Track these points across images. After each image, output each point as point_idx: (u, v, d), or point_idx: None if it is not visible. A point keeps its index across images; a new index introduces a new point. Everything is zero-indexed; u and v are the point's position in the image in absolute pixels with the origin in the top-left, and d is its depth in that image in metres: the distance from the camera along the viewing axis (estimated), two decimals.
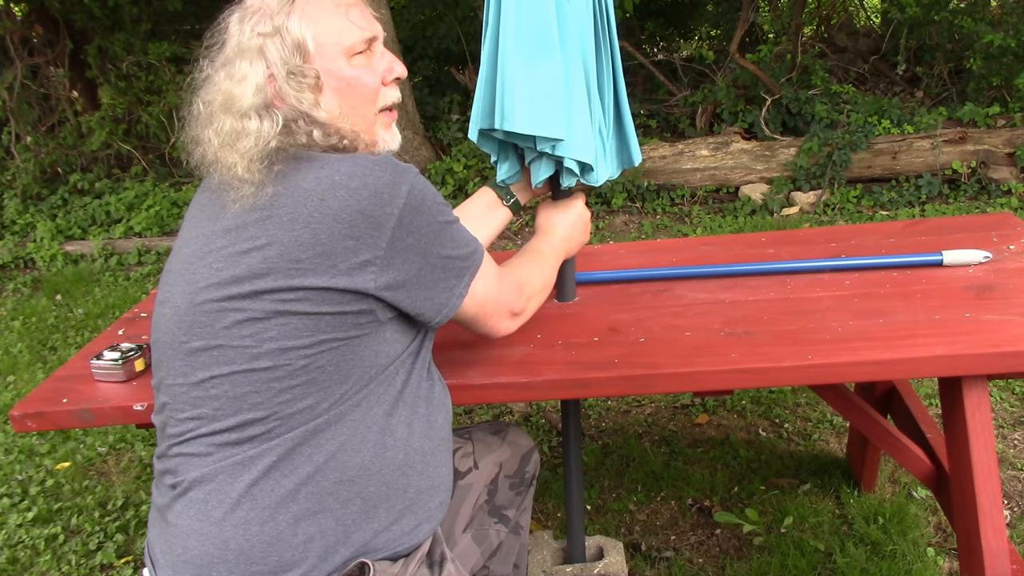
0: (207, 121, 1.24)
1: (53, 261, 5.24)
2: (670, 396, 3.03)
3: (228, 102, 1.22)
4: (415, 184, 1.20)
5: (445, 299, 1.27)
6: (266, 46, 1.23)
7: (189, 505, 1.17)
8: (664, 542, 2.32)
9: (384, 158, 1.21)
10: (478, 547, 1.57)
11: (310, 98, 1.24)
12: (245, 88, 1.22)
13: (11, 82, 6.06)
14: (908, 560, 2.13)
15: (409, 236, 1.18)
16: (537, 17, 1.52)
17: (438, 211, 1.23)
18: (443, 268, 1.25)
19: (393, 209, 1.16)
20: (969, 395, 1.54)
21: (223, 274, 1.17)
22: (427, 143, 5.74)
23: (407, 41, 7.08)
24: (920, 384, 2.86)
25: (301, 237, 1.14)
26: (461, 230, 1.29)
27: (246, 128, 1.21)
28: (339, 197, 1.14)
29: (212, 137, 1.23)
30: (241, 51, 1.23)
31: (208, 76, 1.26)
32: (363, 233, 1.14)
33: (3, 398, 3.53)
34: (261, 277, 1.14)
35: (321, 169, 1.18)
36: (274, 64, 1.23)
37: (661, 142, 5.27)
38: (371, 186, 1.15)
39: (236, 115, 1.21)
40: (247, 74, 1.22)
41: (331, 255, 1.13)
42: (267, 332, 1.15)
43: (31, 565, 2.50)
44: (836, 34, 6.94)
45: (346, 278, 1.14)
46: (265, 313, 1.15)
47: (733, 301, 1.73)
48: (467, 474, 1.57)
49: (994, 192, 4.71)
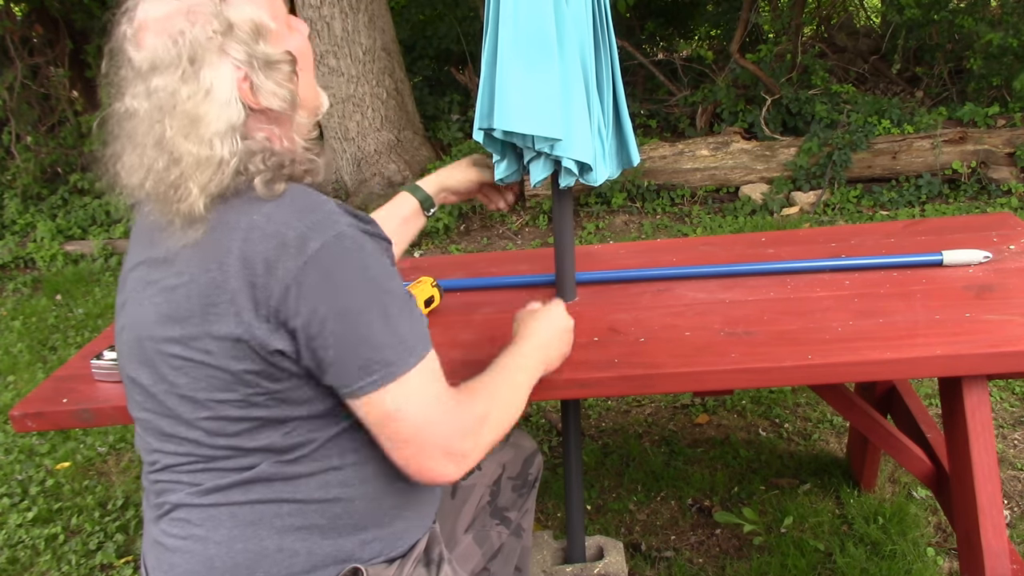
0: (148, 141, 1.07)
1: (53, 261, 5.24)
2: (670, 396, 3.03)
3: (191, 124, 1.05)
4: (336, 244, 1.04)
5: (346, 382, 1.07)
6: (226, 44, 1.07)
7: (173, 524, 1.15)
8: (664, 542, 2.32)
9: (314, 205, 1.07)
10: (479, 548, 1.57)
11: (290, 93, 1.12)
12: (210, 104, 1.06)
13: (11, 82, 6.06)
14: (908, 560, 2.13)
15: (305, 298, 1.03)
16: (535, 17, 1.52)
17: (365, 281, 1.06)
18: (352, 350, 1.05)
19: (292, 264, 1.02)
20: (969, 395, 1.54)
21: (161, 309, 1.10)
22: (427, 143, 5.74)
23: (407, 41, 7.07)
24: (920, 384, 2.86)
25: (216, 279, 1.05)
26: (402, 319, 1.08)
27: (211, 156, 1.06)
28: (253, 239, 1.04)
29: (159, 163, 1.06)
30: (194, 58, 1.05)
31: (135, 84, 1.08)
32: (264, 283, 1.03)
33: (3, 398, 3.53)
34: (185, 320, 1.07)
35: (248, 204, 1.07)
36: (243, 62, 1.08)
37: (661, 142, 5.27)
38: (281, 234, 1.03)
39: (198, 140, 1.06)
40: (211, 83, 1.05)
41: (235, 301, 1.04)
42: (199, 383, 1.09)
43: (31, 565, 2.50)
44: (836, 34, 6.94)
45: (251, 329, 1.04)
46: (192, 363, 1.08)
47: (733, 301, 1.73)
48: (469, 475, 1.57)
49: (994, 192, 4.71)
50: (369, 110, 5.32)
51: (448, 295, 1.91)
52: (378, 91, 5.33)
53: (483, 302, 1.87)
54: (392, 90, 5.42)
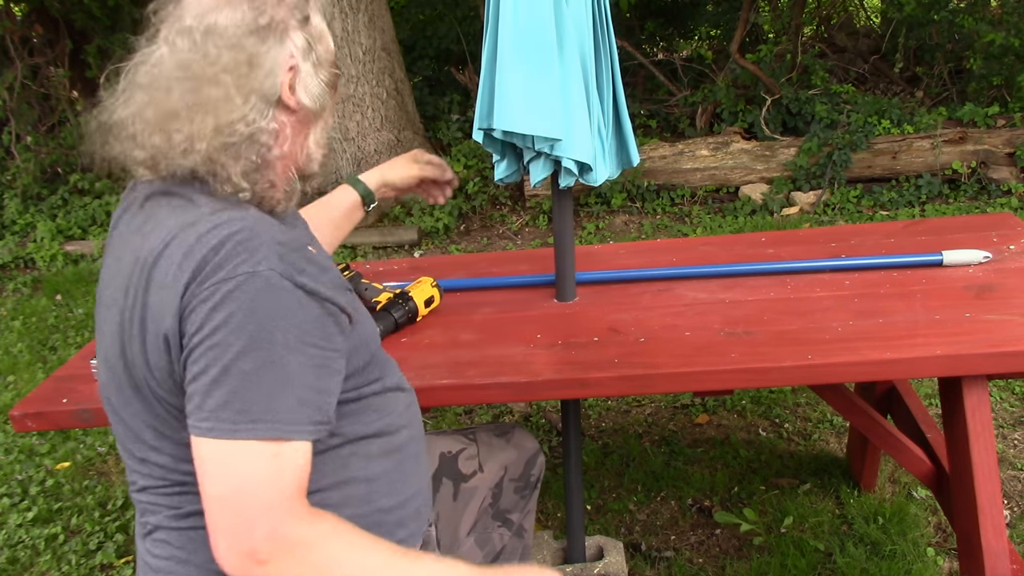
0: (180, 109, 1.05)
1: (53, 261, 5.24)
2: (670, 396, 3.03)
3: (237, 77, 1.04)
4: (246, 282, 0.97)
5: (188, 410, 0.99)
6: (291, 29, 1.09)
7: (155, 544, 1.14)
8: (664, 542, 2.32)
9: (247, 236, 1.00)
10: (481, 551, 1.57)
11: (327, 101, 1.12)
12: (255, 75, 1.05)
13: (11, 82, 6.06)
14: (908, 560, 2.13)
15: (193, 321, 0.98)
16: (535, 17, 1.52)
17: (253, 329, 0.97)
18: (203, 386, 0.97)
19: (196, 288, 0.98)
20: (969, 395, 1.54)
21: (115, 329, 1.08)
22: (427, 143, 5.74)
23: (407, 41, 7.07)
24: (920, 384, 2.86)
25: (134, 302, 1.03)
26: (273, 388, 0.97)
27: (233, 130, 1.05)
28: (172, 251, 1.00)
29: (192, 132, 1.04)
30: (257, 29, 1.06)
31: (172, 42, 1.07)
32: (170, 301, 0.99)
33: (3, 398, 3.53)
34: (124, 341, 1.06)
35: (185, 214, 1.03)
36: (300, 50, 1.09)
37: (661, 142, 5.27)
38: (205, 258, 0.98)
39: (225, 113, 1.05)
40: (263, 58, 1.06)
41: (154, 326, 1.01)
42: (142, 416, 1.08)
43: (31, 565, 2.50)
44: (836, 34, 6.93)
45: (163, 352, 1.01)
46: (137, 396, 1.07)
47: (733, 301, 1.73)
48: (472, 477, 1.56)
49: (994, 192, 4.71)
50: (369, 110, 5.32)
51: (448, 295, 1.91)
52: (378, 91, 5.33)
53: (483, 302, 1.87)
54: (392, 90, 5.42)
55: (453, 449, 1.56)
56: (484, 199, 5.24)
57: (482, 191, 5.27)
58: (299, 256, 1.03)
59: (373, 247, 4.93)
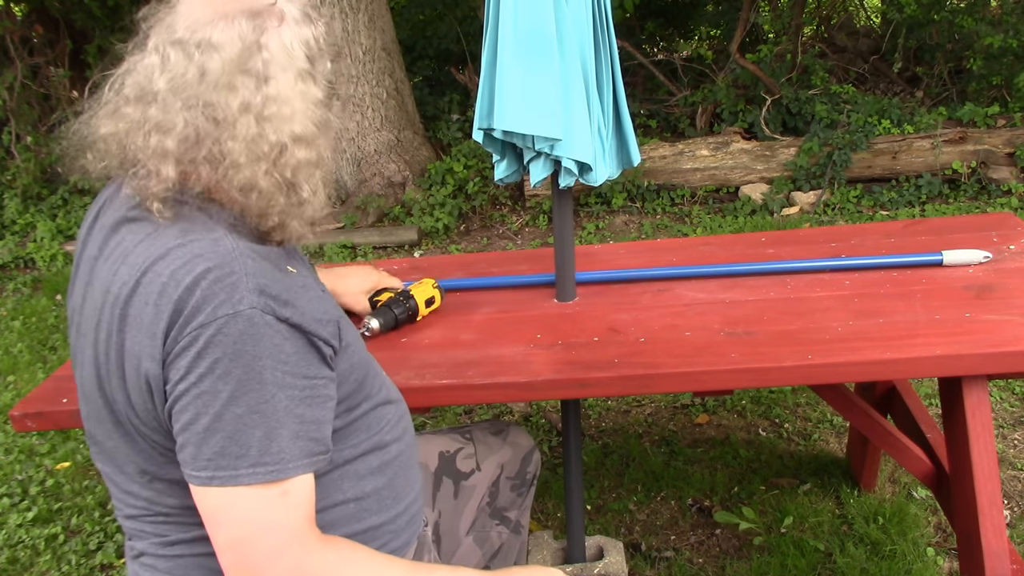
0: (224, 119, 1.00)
1: (53, 261, 5.23)
2: (670, 396, 3.03)
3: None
4: (227, 324, 0.95)
5: (183, 462, 0.98)
6: (294, 48, 1.03)
7: (143, 568, 1.14)
8: (664, 542, 2.32)
9: (225, 271, 0.96)
10: (479, 549, 1.57)
11: (328, 119, 1.08)
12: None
13: (11, 82, 6.05)
14: (908, 560, 2.13)
15: (177, 368, 0.96)
16: (535, 17, 1.52)
17: (241, 372, 0.94)
18: (197, 436, 0.96)
19: (176, 332, 0.96)
20: (969, 395, 1.54)
21: (91, 363, 1.06)
22: (427, 143, 5.74)
23: (407, 41, 7.07)
24: (920, 384, 2.86)
25: (110, 323, 1.01)
26: (270, 427, 0.96)
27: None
28: (146, 290, 0.98)
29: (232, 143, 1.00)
30: (260, 48, 1.01)
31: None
32: (150, 345, 0.97)
33: (3, 398, 3.53)
34: (101, 376, 1.04)
35: (152, 244, 1.00)
36: (300, 71, 1.04)
37: (661, 142, 5.27)
38: (180, 299, 0.96)
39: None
40: (264, 78, 1.01)
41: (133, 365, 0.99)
42: (123, 450, 1.06)
43: (31, 565, 2.50)
44: (836, 34, 6.93)
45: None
46: (118, 430, 1.05)
47: (733, 301, 1.73)
48: (470, 475, 1.56)
49: (994, 192, 4.71)
50: (369, 110, 5.32)
51: (448, 295, 1.91)
52: (378, 91, 5.33)
53: (483, 302, 1.87)
54: (392, 90, 5.42)
55: (451, 448, 1.56)
56: (484, 199, 5.24)
57: (482, 191, 5.27)
58: (279, 286, 0.99)
59: (373, 247, 4.93)
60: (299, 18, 1.04)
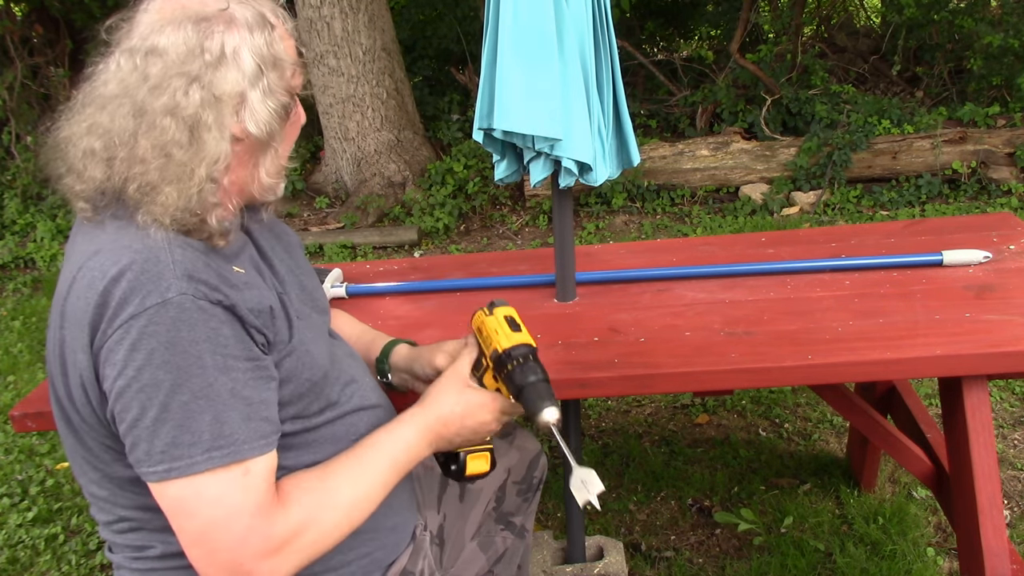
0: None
1: (53, 261, 5.23)
2: (670, 396, 3.03)
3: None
4: (156, 313, 0.94)
5: (136, 461, 0.97)
6: (240, 53, 1.03)
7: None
8: (664, 542, 2.32)
9: (151, 258, 0.96)
10: (483, 554, 1.56)
11: (276, 129, 1.07)
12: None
13: (11, 82, 6.06)
14: (908, 560, 2.13)
15: (112, 364, 0.95)
16: (535, 17, 1.52)
17: (179, 359, 0.94)
18: (145, 432, 0.95)
19: (106, 326, 0.95)
20: (969, 395, 1.54)
21: (49, 364, 1.08)
22: (427, 143, 5.74)
23: (407, 41, 7.07)
24: (920, 384, 2.86)
25: (57, 336, 1.02)
26: (216, 411, 0.95)
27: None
28: (79, 288, 0.98)
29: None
30: (201, 53, 1.01)
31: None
32: (83, 342, 0.97)
33: (3, 398, 3.53)
34: (52, 376, 1.05)
35: (92, 241, 1.02)
36: (247, 76, 1.03)
37: (661, 142, 5.27)
38: (106, 290, 0.95)
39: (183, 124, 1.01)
40: (204, 83, 1.01)
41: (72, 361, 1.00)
42: (76, 449, 1.06)
43: (31, 565, 2.50)
44: (836, 34, 6.93)
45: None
46: (69, 430, 1.06)
47: (733, 301, 1.73)
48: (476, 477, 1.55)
49: (994, 192, 4.71)
50: (369, 110, 5.32)
51: (449, 295, 1.91)
52: (378, 91, 5.33)
53: (483, 302, 1.87)
54: (392, 90, 5.42)
55: None
56: (484, 199, 5.24)
57: (482, 191, 5.27)
58: (210, 272, 0.99)
59: (373, 247, 4.93)
60: (251, 23, 1.04)
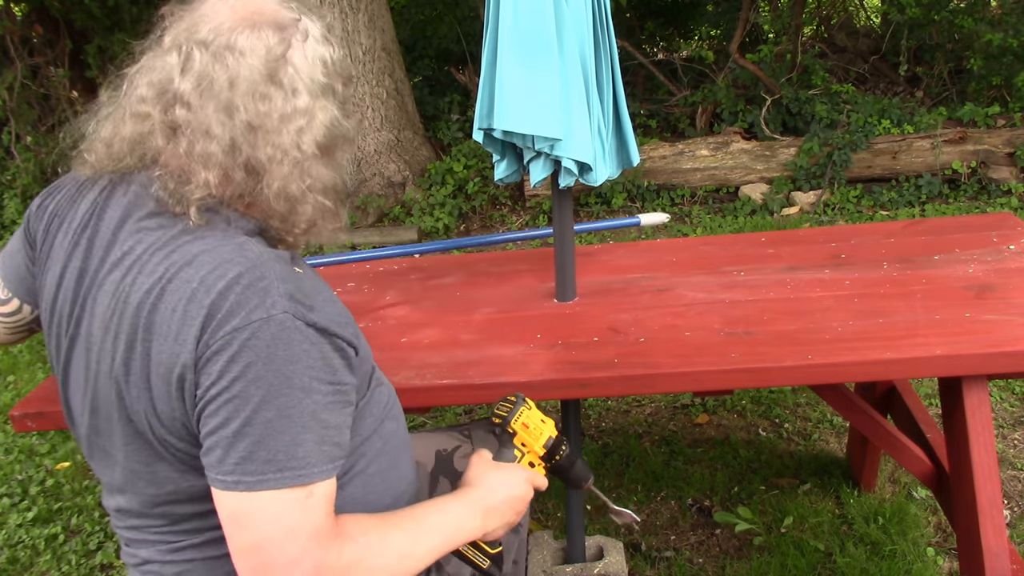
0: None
1: None
2: (670, 396, 3.03)
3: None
4: (260, 328, 0.96)
5: (207, 464, 0.98)
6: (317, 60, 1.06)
7: (148, 575, 1.14)
8: (664, 542, 2.32)
9: (256, 275, 0.98)
10: None
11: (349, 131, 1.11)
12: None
13: (11, 82, 6.05)
14: (908, 560, 2.13)
15: (207, 374, 0.96)
16: (535, 17, 1.52)
17: (270, 377, 0.95)
18: (224, 440, 0.96)
19: (208, 337, 0.96)
20: (969, 395, 1.54)
21: (104, 373, 1.07)
22: (427, 143, 5.74)
23: (407, 41, 7.07)
24: (920, 384, 2.86)
25: (127, 332, 1.02)
26: (295, 432, 0.96)
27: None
28: (176, 289, 0.99)
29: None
30: (287, 59, 1.03)
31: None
32: (173, 349, 0.98)
33: (3, 398, 3.53)
34: (120, 387, 1.05)
35: (175, 248, 1.01)
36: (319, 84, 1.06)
37: (661, 142, 5.27)
38: (213, 304, 0.97)
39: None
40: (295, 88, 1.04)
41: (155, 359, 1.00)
42: (141, 455, 1.07)
43: (31, 565, 2.50)
44: (836, 34, 6.93)
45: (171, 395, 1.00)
46: (137, 439, 1.06)
47: (733, 301, 1.73)
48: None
49: (994, 192, 4.71)
50: (369, 110, 5.32)
51: (449, 295, 1.91)
52: (378, 91, 5.33)
53: (483, 302, 1.87)
54: (392, 90, 5.42)
55: (448, 447, 1.56)
56: (484, 199, 5.24)
57: (482, 191, 5.27)
58: (304, 292, 1.01)
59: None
60: (319, 38, 1.07)
